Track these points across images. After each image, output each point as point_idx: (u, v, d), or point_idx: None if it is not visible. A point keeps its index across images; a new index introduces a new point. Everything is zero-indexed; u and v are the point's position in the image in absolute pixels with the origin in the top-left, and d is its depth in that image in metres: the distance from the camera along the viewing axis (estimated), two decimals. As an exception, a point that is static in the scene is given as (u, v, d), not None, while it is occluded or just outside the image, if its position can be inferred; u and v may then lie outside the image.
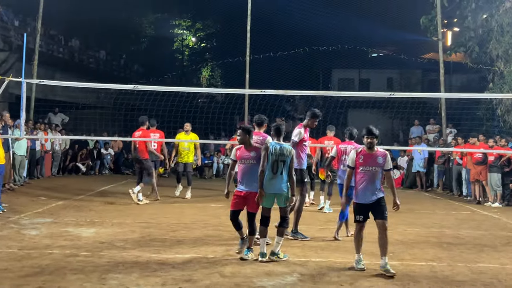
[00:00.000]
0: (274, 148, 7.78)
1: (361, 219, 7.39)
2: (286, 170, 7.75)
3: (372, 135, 7.36)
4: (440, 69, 19.52)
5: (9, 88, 19.02)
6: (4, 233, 8.97)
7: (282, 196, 7.76)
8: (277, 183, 7.70)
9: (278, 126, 8.12)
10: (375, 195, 7.31)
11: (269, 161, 7.72)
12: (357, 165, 7.43)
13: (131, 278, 6.52)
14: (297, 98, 29.78)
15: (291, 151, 7.84)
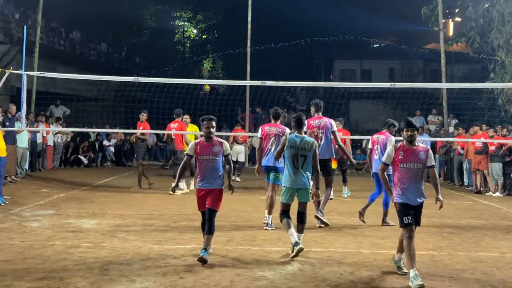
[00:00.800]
0: (294, 141, 7.50)
1: (411, 220, 6.43)
2: (308, 164, 7.49)
3: (413, 127, 6.50)
4: (441, 59, 19.49)
5: (10, 81, 19.07)
6: (6, 225, 9.01)
7: (305, 190, 7.52)
8: (299, 177, 7.46)
9: (299, 117, 7.71)
10: (419, 198, 6.59)
11: (289, 156, 7.48)
12: (396, 162, 6.54)
13: (132, 268, 6.56)
14: (298, 89, 29.74)
15: (313, 144, 7.53)
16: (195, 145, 7.26)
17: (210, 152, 7.19)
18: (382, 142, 9.96)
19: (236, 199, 12.55)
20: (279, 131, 9.33)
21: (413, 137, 6.48)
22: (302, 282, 6.19)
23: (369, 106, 29.58)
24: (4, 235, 8.19)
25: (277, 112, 9.58)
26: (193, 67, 38.96)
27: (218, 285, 5.99)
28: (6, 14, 23.31)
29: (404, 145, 6.54)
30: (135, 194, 13.31)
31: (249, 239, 8.38)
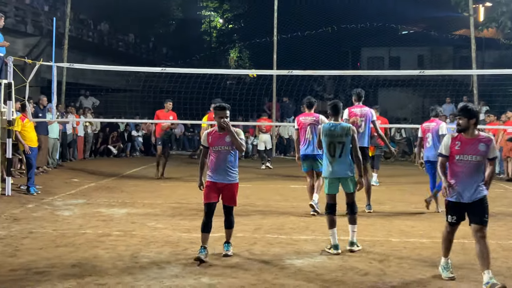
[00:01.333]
0: (328, 129, 7.20)
1: (454, 220, 5.97)
2: (346, 152, 7.14)
3: (461, 114, 5.77)
4: (471, 45, 19.15)
5: (41, 73, 19.34)
6: (38, 214, 9.19)
7: (346, 180, 7.17)
8: (338, 166, 7.12)
9: (335, 103, 7.38)
10: (476, 193, 5.78)
11: (325, 144, 7.17)
12: (452, 153, 5.84)
13: (162, 256, 6.64)
14: (325, 78, 29.56)
15: (349, 130, 7.15)
16: (207, 135, 6.77)
17: (223, 142, 6.67)
18: (434, 129, 9.89)
19: (264, 188, 12.60)
20: (313, 119, 9.59)
21: (460, 125, 5.75)
22: (331, 270, 6.19)
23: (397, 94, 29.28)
24: (37, 224, 8.36)
25: (310, 101, 9.82)
26: (220, 57, 39.02)
27: (247, 273, 6.02)
28: (36, 7, 23.65)
29: (462, 134, 5.81)
30: (163, 184, 13.44)
31: (277, 228, 8.40)
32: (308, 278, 5.88)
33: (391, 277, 5.96)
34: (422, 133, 10.05)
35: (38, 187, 11.66)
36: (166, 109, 14.30)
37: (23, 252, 6.71)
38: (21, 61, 13.27)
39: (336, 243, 6.94)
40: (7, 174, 11.09)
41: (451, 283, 5.79)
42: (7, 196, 10.75)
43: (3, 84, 11.17)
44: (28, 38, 22.67)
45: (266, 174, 15.67)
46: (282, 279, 5.85)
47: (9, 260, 6.32)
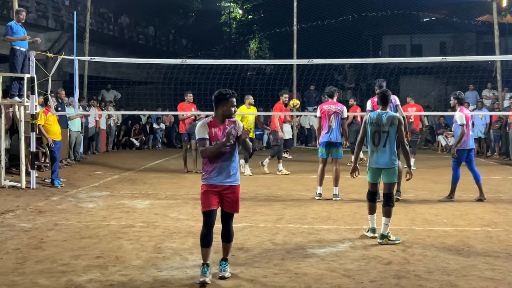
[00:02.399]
0: (375, 118, 7.09)
1: None
2: (391, 142, 7.00)
3: None
4: (494, 31, 18.84)
5: (63, 67, 19.57)
6: (63, 206, 9.31)
7: (386, 170, 7.03)
8: (380, 156, 7.03)
9: (384, 92, 7.29)
10: None
11: (370, 133, 7.09)
12: None
13: (185, 247, 6.68)
14: (346, 66, 29.39)
15: (394, 120, 7.01)
16: (208, 126, 5.57)
17: None
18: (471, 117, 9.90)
19: (285, 178, 12.58)
20: (337, 108, 10.05)
21: None
22: (353, 259, 6.17)
23: (420, 82, 29.00)
24: (61, 216, 8.46)
25: (331, 90, 10.27)
26: (240, 48, 38.98)
27: (270, 262, 6.03)
28: (57, 1, 23.84)
29: None
30: (185, 175, 13.51)
31: (299, 217, 8.39)
32: (331, 268, 5.86)
33: (414, 265, 5.92)
34: (466, 120, 9.75)
35: (62, 180, 11.81)
36: (187, 101, 13.93)
37: (48, 244, 6.79)
38: (43, 56, 13.40)
39: (374, 226, 7.17)
40: (31, 167, 11.24)
41: (475, 271, 5.72)
42: (32, 189, 10.91)
43: (25, 78, 11.29)
44: (50, 33, 22.88)
45: (287, 164, 15.65)
46: (305, 268, 5.84)
47: (34, 252, 6.41)
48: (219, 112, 5.57)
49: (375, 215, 7.23)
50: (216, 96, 5.58)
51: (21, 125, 11.27)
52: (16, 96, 11.44)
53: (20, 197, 10.11)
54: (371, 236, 7.11)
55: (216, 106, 5.59)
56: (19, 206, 9.25)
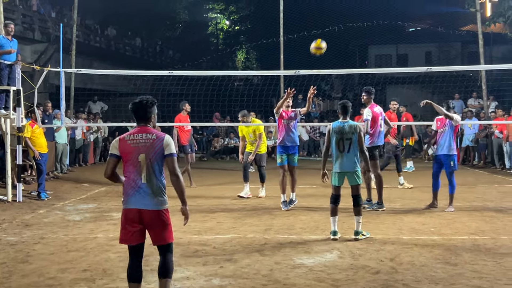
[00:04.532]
0: (336, 127, 7.74)
1: None
2: (354, 148, 7.64)
3: None
4: (479, 41, 19.04)
5: (49, 79, 19.47)
6: (50, 219, 9.24)
7: (353, 173, 7.64)
8: (345, 161, 7.63)
9: (344, 103, 7.92)
10: None
11: (335, 141, 7.69)
12: None
13: (173, 259, 6.62)
14: (333, 76, 29.53)
15: (356, 128, 7.69)
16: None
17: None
18: None
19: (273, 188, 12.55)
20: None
21: None
22: (342, 269, 6.17)
23: (406, 91, 29.17)
24: (48, 229, 8.40)
25: None
26: (227, 59, 39.05)
27: (258, 274, 6.02)
28: (43, 13, 23.78)
29: None
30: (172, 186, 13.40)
31: (287, 228, 8.40)
32: (319, 278, 5.87)
33: (402, 274, 5.94)
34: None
35: (49, 192, 11.74)
36: (185, 111, 13.09)
37: (34, 257, 6.74)
38: (30, 68, 13.35)
39: (335, 229, 7.60)
40: (17, 180, 11.16)
41: (463, 279, 5.74)
42: (18, 202, 10.83)
43: (12, 91, 11.23)
44: (36, 45, 22.79)
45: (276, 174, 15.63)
46: (293, 279, 5.84)
47: (21, 266, 6.35)
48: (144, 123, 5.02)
49: (337, 217, 7.64)
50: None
51: (7, 138, 11.20)
52: (1, 109, 11.37)
53: (6, 210, 10.03)
54: (332, 238, 7.51)
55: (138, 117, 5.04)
56: (5, 219, 9.17)
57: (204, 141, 22.61)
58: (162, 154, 4.89)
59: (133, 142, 4.90)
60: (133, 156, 4.88)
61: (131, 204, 4.92)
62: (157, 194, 4.97)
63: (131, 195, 4.94)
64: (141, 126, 4.96)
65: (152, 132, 4.92)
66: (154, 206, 4.94)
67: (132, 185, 4.94)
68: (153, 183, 4.93)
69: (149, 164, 4.88)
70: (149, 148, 4.86)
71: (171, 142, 4.95)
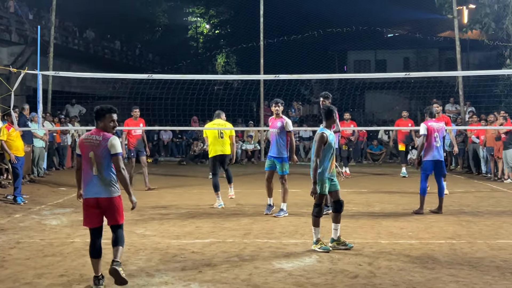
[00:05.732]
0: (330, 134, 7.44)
1: None
2: None
3: None
4: (456, 47, 19.30)
5: (26, 81, 19.25)
6: (26, 224, 9.11)
7: None
8: None
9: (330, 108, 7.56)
10: None
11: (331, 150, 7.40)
12: None
13: (152, 263, 6.61)
14: (313, 81, 29.67)
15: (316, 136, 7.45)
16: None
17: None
18: (442, 129, 10.11)
19: (252, 193, 12.56)
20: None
21: None
22: (321, 273, 6.19)
23: (384, 97, 29.45)
24: (24, 234, 8.29)
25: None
26: (207, 63, 39.01)
27: (237, 278, 6.01)
28: (20, 15, 23.51)
29: None
30: (151, 191, 13.37)
31: (266, 232, 8.40)
32: (298, 282, 5.87)
33: (380, 279, 5.98)
34: (428, 131, 10.00)
35: (25, 196, 11.57)
36: (134, 117, 13.43)
37: (10, 262, 6.65)
38: (6, 70, 13.18)
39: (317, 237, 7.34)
40: (-7, 184, 11.00)
41: (440, 283, 5.80)
42: (-7, 206, 10.67)
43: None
44: (13, 47, 22.56)
45: (255, 178, 15.64)
46: (272, 283, 5.84)
47: (-4, 271, 6.26)
48: (99, 126, 5.88)
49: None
50: (96, 111, 5.92)
51: (-17, 141, 11.03)
52: (-23, 112, 11.21)
53: (-19, 214, 9.87)
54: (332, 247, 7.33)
55: (96, 121, 5.91)
56: (-20, 224, 9.02)
57: (184, 145, 22.53)
58: (108, 152, 5.77)
59: (87, 141, 5.85)
60: (86, 153, 5.84)
61: (88, 193, 5.86)
62: (107, 184, 5.84)
63: (86, 185, 5.88)
64: (97, 129, 5.89)
65: (101, 134, 5.82)
66: (106, 194, 5.86)
67: (87, 177, 5.87)
68: (102, 175, 5.80)
69: (98, 160, 5.77)
70: (97, 147, 5.77)
71: (115, 143, 5.81)
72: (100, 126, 5.86)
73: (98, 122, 5.87)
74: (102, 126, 5.86)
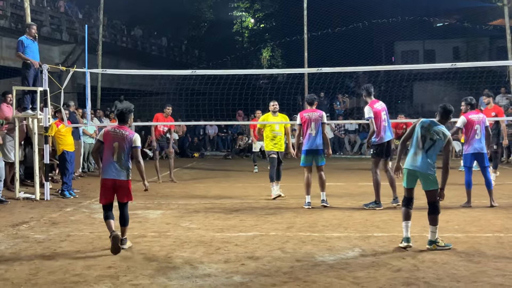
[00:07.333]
0: (428, 123, 7.09)
1: None
2: (435, 150, 7.04)
3: None
4: (506, 35, 18.74)
5: (77, 79, 19.83)
6: (76, 217, 9.41)
7: (425, 176, 7.06)
8: (420, 160, 7.02)
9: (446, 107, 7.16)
10: None
11: (417, 136, 7.05)
12: None
13: (196, 256, 6.73)
14: (359, 73, 29.35)
15: (447, 136, 7.08)
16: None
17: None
18: (482, 121, 9.88)
19: (296, 186, 12.56)
20: (318, 115, 10.10)
21: None
22: (364, 267, 6.17)
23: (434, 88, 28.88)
24: (74, 227, 8.56)
25: (311, 98, 10.41)
26: (252, 57, 39.14)
27: (279, 271, 6.05)
28: (70, 15, 24.15)
29: None
30: (198, 184, 13.59)
31: (309, 225, 8.41)
32: (340, 275, 5.87)
33: (423, 272, 5.91)
34: (469, 124, 9.83)
35: (76, 190, 11.94)
36: (165, 114, 14.04)
37: (60, 255, 6.88)
38: (58, 69, 13.60)
39: (408, 236, 6.96)
40: (45, 179, 11.38)
41: (485, 277, 5.69)
42: (46, 200, 11.05)
43: (38, 91, 11.46)
44: (64, 46, 23.21)
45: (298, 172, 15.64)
46: (314, 276, 5.86)
47: (47, 263, 6.49)
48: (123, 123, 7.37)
49: (409, 222, 7.12)
50: (121, 113, 7.37)
51: (35, 138, 11.43)
52: (29, 109, 11.61)
53: (34, 208, 10.24)
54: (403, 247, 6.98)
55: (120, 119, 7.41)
56: (33, 217, 9.36)
57: (229, 139, 22.72)
58: (130, 145, 7.14)
59: (113, 133, 7.18)
60: (110, 143, 7.13)
61: (107, 175, 7.14)
62: (123, 169, 7.12)
63: (105, 168, 7.17)
64: (121, 125, 7.30)
65: (126, 129, 7.26)
66: (122, 177, 7.12)
67: (107, 162, 7.15)
68: (121, 162, 7.09)
69: (120, 149, 7.10)
70: (121, 139, 7.13)
71: (137, 139, 7.22)
72: (123, 123, 7.32)
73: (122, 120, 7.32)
74: (125, 123, 7.35)
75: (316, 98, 10.53)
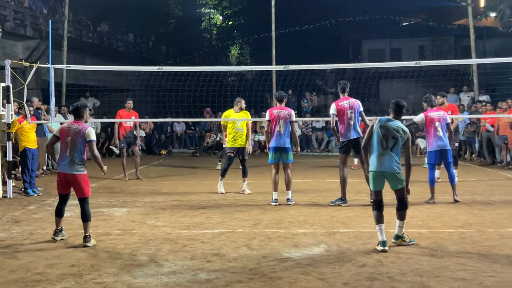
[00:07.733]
0: (385, 122, 7.06)
1: None
2: (398, 149, 6.99)
3: None
4: (470, 35, 19.10)
5: (41, 75, 19.46)
6: (39, 215, 9.25)
7: (393, 175, 6.96)
8: (386, 160, 6.94)
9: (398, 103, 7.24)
10: None
11: (378, 137, 6.99)
12: None
13: (161, 253, 6.68)
14: (327, 71, 29.52)
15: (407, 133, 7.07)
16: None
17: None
18: (443, 118, 9.97)
19: (263, 183, 12.58)
20: (286, 113, 10.10)
21: None
22: (329, 262, 6.21)
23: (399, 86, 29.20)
24: (37, 225, 8.41)
25: (280, 95, 10.42)
26: (221, 54, 39.05)
27: (245, 267, 6.05)
28: (35, 10, 23.70)
29: None
30: (164, 182, 13.49)
31: (276, 222, 8.43)
32: (306, 271, 5.90)
33: (387, 267, 5.98)
34: (431, 121, 9.97)
35: (39, 188, 11.73)
36: (127, 108, 13.86)
37: (23, 253, 6.76)
38: (21, 65, 13.33)
39: (384, 239, 6.75)
40: (8, 177, 11.15)
41: (448, 271, 5.79)
42: (8, 198, 10.84)
43: (1, 87, 11.21)
44: (28, 41, 22.76)
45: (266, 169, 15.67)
46: (280, 272, 5.88)
47: (8, 262, 6.36)
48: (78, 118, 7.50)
49: (383, 225, 6.92)
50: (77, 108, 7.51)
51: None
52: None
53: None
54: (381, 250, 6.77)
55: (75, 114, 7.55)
56: (-6, 216, 9.17)
57: (197, 136, 22.62)
58: (84, 139, 7.29)
59: (67, 128, 7.36)
60: (64, 138, 7.33)
61: (60, 168, 7.38)
62: (75, 164, 7.29)
63: (60, 162, 7.38)
64: (76, 120, 7.43)
65: (80, 124, 7.37)
66: (73, 172, 7.30)
67: (61, 156, 7.38)
68: (73, 157, 7.27)
69: (73, 144, 7.26)
70: (75, 134, 7.28)
71: (90, 133, 7.34)
72: (79, 118, 7.43)
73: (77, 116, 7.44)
74: (80, 118, 7.44)
75: (286, 95, 10.58)
